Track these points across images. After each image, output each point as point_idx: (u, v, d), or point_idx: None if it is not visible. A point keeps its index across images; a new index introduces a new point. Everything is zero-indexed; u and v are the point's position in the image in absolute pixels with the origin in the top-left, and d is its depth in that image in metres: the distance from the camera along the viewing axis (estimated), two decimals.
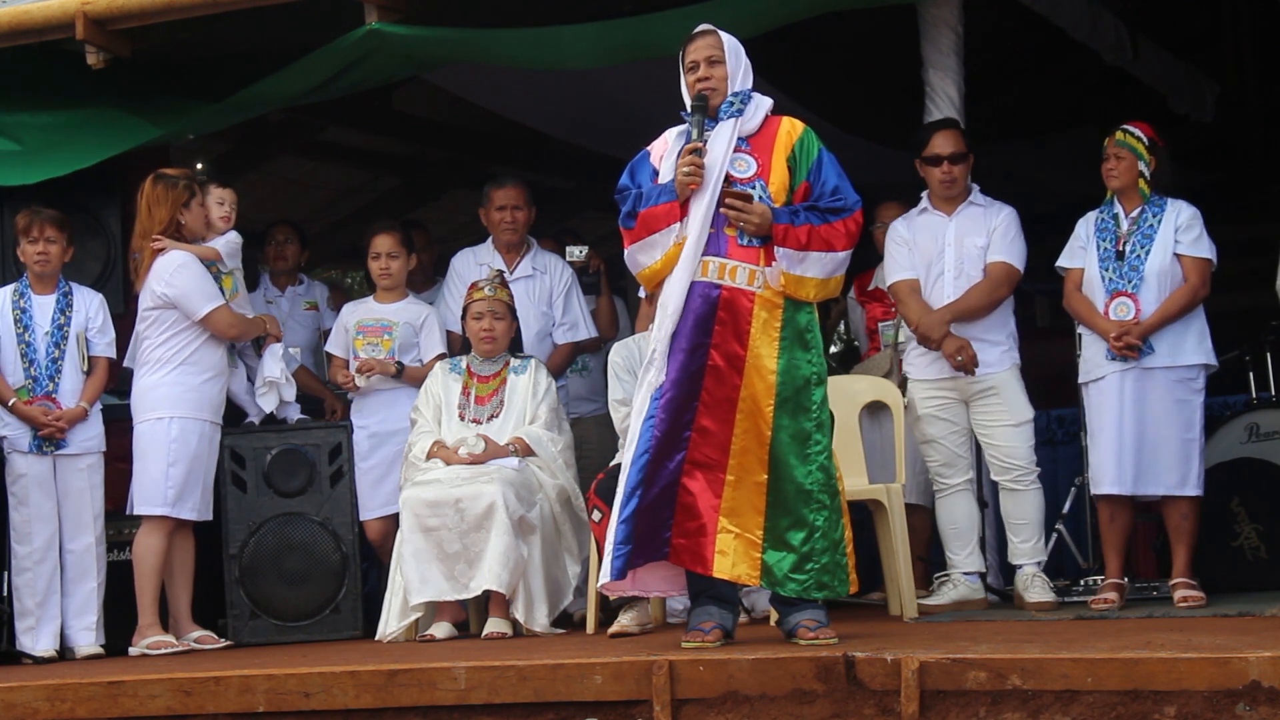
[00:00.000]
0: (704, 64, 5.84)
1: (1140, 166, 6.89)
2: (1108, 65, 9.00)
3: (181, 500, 7.33)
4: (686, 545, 5.71)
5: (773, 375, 5.71)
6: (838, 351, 10.47)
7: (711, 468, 5.71)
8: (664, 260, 5.78)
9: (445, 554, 7.03)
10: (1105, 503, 6.92)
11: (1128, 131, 6.93)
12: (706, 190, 5.73)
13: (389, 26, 7.32)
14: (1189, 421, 6.83)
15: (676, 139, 5.93)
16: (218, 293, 7.44)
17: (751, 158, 5.83)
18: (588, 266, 8.27)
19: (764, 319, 5.73)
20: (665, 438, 5.68)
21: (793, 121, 5.92)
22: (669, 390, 5.71)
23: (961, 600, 7.08)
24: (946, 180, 7.12)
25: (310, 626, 7.63)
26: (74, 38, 7.58)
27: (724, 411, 5.71)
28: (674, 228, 5.76)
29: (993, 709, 4.98)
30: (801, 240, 5.72)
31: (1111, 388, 6.83)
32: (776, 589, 5.73)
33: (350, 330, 7.85)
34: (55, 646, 7.31)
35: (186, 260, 7.41)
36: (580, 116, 9.17)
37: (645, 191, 5.84)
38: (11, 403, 7.33)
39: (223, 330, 7.44)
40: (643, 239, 5.81)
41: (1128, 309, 6.81)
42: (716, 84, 5.84)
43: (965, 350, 6.99)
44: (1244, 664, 4.78)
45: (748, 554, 5.69)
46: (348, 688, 5.61)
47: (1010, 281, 7.05)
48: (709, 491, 5.70)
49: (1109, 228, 6.94)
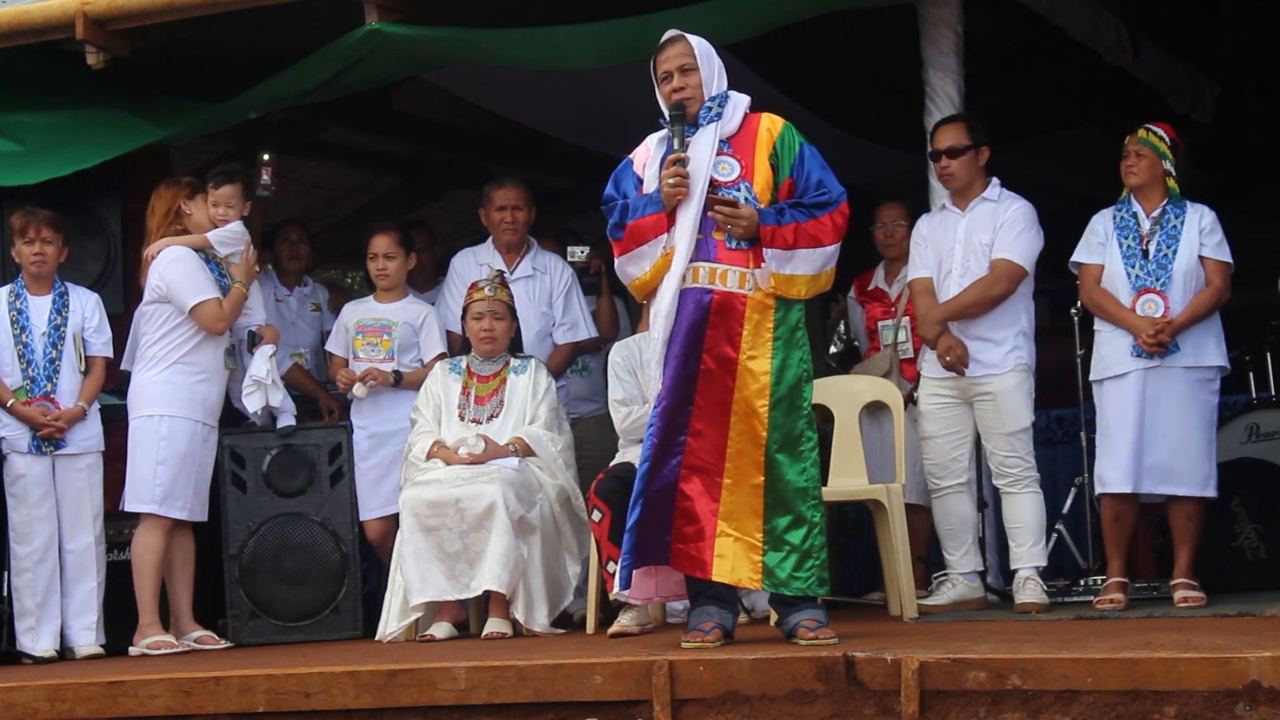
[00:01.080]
0: (677, 73, 5.85)
1: (1166, 165, 6.89)
2: (1108, 65, 9.00)
3: (170, 499, 7.34)
4: (685, 550, 5.72)
5: (766, 376, 5.72)
6: (838, 351, 10.46)
7: (708, 472, 5.72)
8: (653, 271, 5.81)
9: (445, 554, 7.03)
10: (1110, 502, 6.90)
11: (1150, 130, 6.93)
12: (693, 199, 5.75)
13: (389, 26, 7.32)
14: (1207, 422, 6.84)
15: (658, 146, 5.93)
16: (210, 287, 7.43)
17: (734, 160, 5.83)
18: (589, 267, 8.28)
19: (756, 321, 5.74)
20: (662, 444, 5.71)
21: (771, 118, 5.92)
22: (664, 398, 5.73)
23: (960, 600, 7.08)
24: (944, 175, 7.12)
25: (310, 626, 7.63)
26: (74, 38, 7.58)
27: (718, 415, 5.72)
28: (662, 238, 5.78)
29: (993, 709, 4.98)
30: (789, 239, 5.72)
31: (1133, 385, 6.79)
32: (782, 590, 5.73)
33: (350, 329, 7.86)
34: (55, 646, 7.31)
35: (181, 254, 7.43)
36: (580, 116, 9.17)
37: (632, 203, 5.85)
38: (10, 404, 7.34)
39: (209, 324, 7.41)
40: (631, 251, 5.83)
41: (1156, 306, 6.80)
42: (692, 92, 5.83)
43: (954, 350, 6.98)
44: (1244, 664, 4.78)
45: (748, 557, 5.70)
46: (348, 688, 5.62)
47: (1011, 278, 7.01)
48: (706, 495, 5.72)
49: (1130, 225, 6.92)
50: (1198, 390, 6.81)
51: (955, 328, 7.04)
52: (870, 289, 8.17)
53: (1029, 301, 7.12)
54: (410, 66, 8.03)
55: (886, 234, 7.94)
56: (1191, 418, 6.79)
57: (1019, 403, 7.00)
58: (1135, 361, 6.79)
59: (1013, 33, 9.30)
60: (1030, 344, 7.05)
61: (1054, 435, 8.80)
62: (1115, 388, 6.86)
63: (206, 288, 7.43)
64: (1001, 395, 6.98)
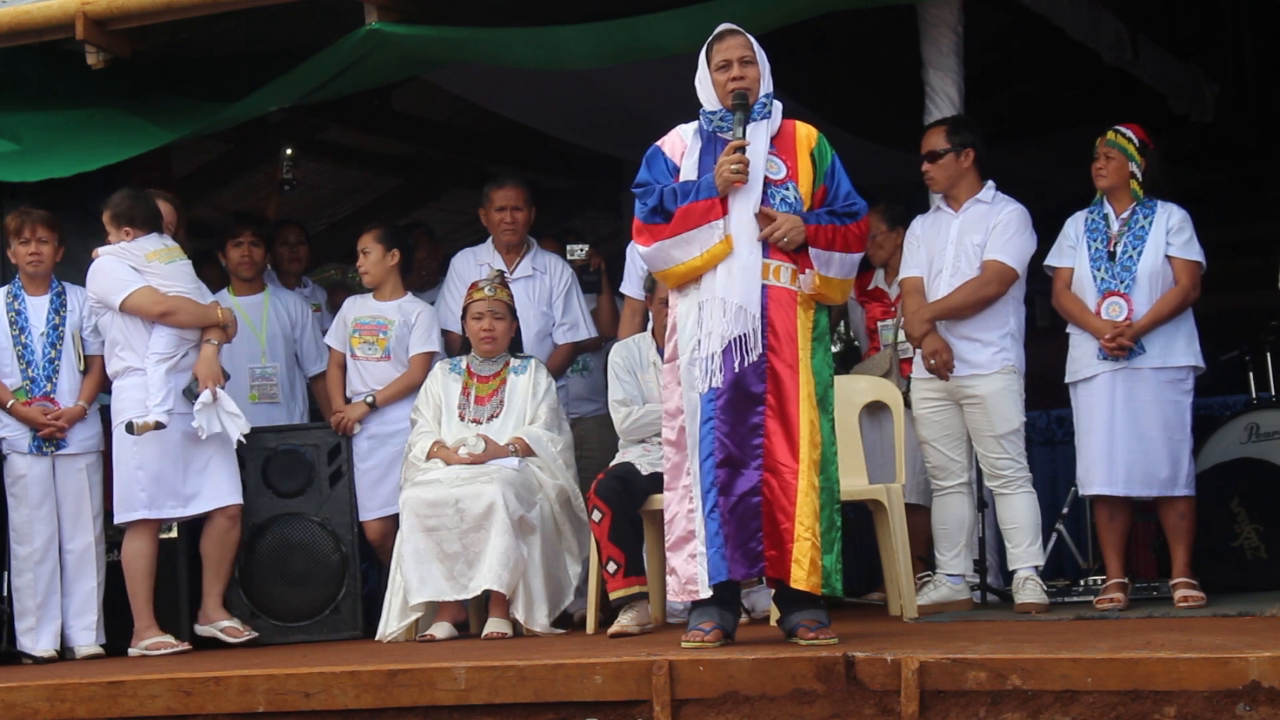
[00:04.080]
0: (736, 63, 5.85)
1: (1131, 167, 6.92)
2: (1108, 65, 9.00)
3: (157, 500, 7.29)
4: (777, 557, 5.69)
5: (814, 376, 5.75)
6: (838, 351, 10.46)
7: (782, 472, 5.69)
8: (705, 257, 5.76)
9: (445, 554, 7.03)
10: (1103, 503, 6.93)
11: (1119, 132, 6.96)
12: (750, 189, 5.74)
13: (389, 26, 7.31)
14: (1179, 422, 6.85)
15: (694, 138, 5.92)
16: (132, 279, 7.29)
17: (780, 160, 5.85)
18: (588, 265, 8.28)
19: (802, 318, 5.78)
20: (734, 443, 5.67)
21: (806, 126, 5.97)
22: (726, 391, 5.68)
23: (944, 602, 7.08)
24: (926, 179, 7.15)
25: (310, 627, 7.63)
26: (74, 38, 7.57)
27: (789, 412, 5.70)
28: (716, 224, 5.74)
29: (993, 709, 4.98)
30: (829, 238, 5.77)
31: (1102, 388, 6.84)
32: (827, 591, 5.71)
33: (349, 325, 7.85)
34: (55, 647, 7.31)
35: (97, 264, 7.37)
36: (580, 116, 9.17)
37: (680, 187, 5.81)
38: (10, 404, 7.33)
39: (147, 310, 7.28)
40: (680, 234, 5.76)
41: (1120, 309, 6.83)
42: (750, 84, 5.84)
43: (940, 355, 6.98)
44: (1244, 664, 4.78)
45: (816, 562, 5.66)
46: (348, 688, 5.62)
47: (1002, 280, 7.01)
48: (784, 498, 5.67)
49: (1099, 228, 6.95)
50: (1167, 391, 6.82)
51: (943, 327, 7.05)
52: (870, 289, 8.16)
53: (1019, 304, 7.13)
54: (410, 67, 8.03)
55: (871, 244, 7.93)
56: (1161, 418, 6.81)
57: (1008, 404, 7.00)
58: (1102, 365, 6.83)
59: (1013, 33, 9.30)
60: (1019, 346, 7.07)
61: (1054, 435, 8.80)
62: (1086, 390, 6.90)
63: (129, 281, 7.29)
64: (990, 398, 6.99)
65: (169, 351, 7.28)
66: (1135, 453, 6.80)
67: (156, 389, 7.22)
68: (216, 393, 7.26)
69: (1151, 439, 6.80)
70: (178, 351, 7.31)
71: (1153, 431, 6.80)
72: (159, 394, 7.22)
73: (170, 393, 7.23)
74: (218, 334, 7.40)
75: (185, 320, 7.33)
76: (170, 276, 7.35)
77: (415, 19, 7.40)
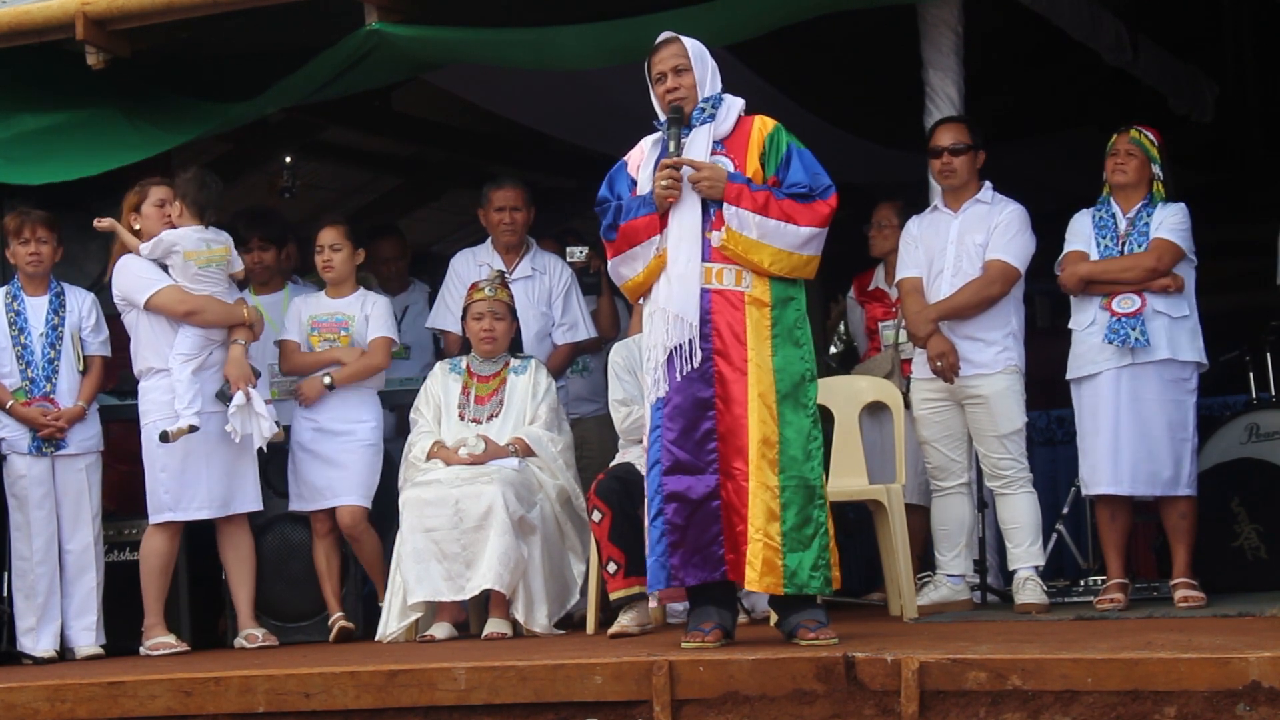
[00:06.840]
0: (670, 74, 5.88)
1: (1154, 168, 6.91)
2: (1108, 65, 9.00)
3: (183, 502, 7.29)
4: (735, 560, 5.72)
5: (772, 373, 5.73)
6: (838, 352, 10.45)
7: (735, 475, 5.72)
8: (645, 272, 5.85)
9: (444, 554, 7.03)
10: (1104, 503, 6.92)
11: (1141, 131, 6.95)
12: (686, 201, 5.76)
13: (389, 27, 7.31)
14: (1183, 421, 6.85)
15: (652, 148, 5.96)
16: (158, 278, 7.29)
17: (728, 159, 5.85)
18: (588, 267, 8.27)
19: (755, 317, 5.76)
20: (685, 450, 5.70)
21: (764, 119, 5.95)
22: (673, 399, 5.72)
23: (944, 602, 7.08)
24: (945, 171, 7.11)
25: (310, 627, 7.63)
26: (74, 38, 7.57)
27: (736, 414, 5.72)
28: (654, 240, 5.81)
29: (993, 709, 4.99)
30: (759, 203, 5.72)
31: (1107, 385, 6.82)
32: (804, 591, 5.71)
33: (304, 324, 7.73)
34: (55, 647, 7.31)
35: (121, 262, 7.37)
36: (580, 116, 9.17)
37: (625, 204, 5.88)
38: (9, 405, 7.33)
39: (171, 309, 7.27)
40: (624, 252, 5.87)
41: (1132, 301, 6.81)
42: (686, 93, 5.86)
43: (946, 357, 6.97)
44: (1244, 664, 4.79)
45: (772, 562, 5.68)
46: (348, 688, 5.62)
47: (1005, 280, 7.02)
48: (738, 500, 5.71)
49: (1109, 225, 6.94)
50: (1171, 390, 6.82)
51: (946, 327, 7.04)
52: (870, 289, 8.17)
53: (1020, 304, 7.14)
54: (410, 67, 8.03)
55: (879, 233, 7.95)
56: (1165, 418, 6.80)
57: (1010, 404, 7.00)
58: (1107, 361, 6.82)
59: (1013, 33, 9.30)
60: (1020, 345, 7.07)
61: (1054, 435, 8.80)
62: (1090, 388, 6.89)
63: (155, 280, 7.29)
64: (993, 398, 6.99)
65: (194, 351, 7.28)
66: (1140, 452, 6.79)
67: (184, 391, 7.22)
68: (249, 393, 7.25)
69: (1156, 439, 6.79)
70: (203, 352, 7.30)
71: (1157, 431, 6.79)
72: (186, 396, 7.22)
73: (198, 394, 7.23)
74: (244, 333, 7.39)
75: (211, 319, 7.33)
76: (198, 278, 7.33)
77: (415, 19, 7.40)
